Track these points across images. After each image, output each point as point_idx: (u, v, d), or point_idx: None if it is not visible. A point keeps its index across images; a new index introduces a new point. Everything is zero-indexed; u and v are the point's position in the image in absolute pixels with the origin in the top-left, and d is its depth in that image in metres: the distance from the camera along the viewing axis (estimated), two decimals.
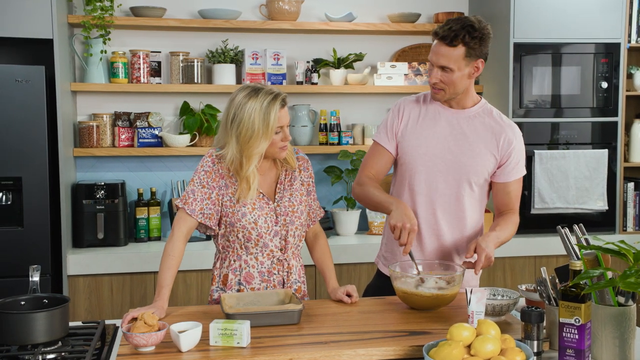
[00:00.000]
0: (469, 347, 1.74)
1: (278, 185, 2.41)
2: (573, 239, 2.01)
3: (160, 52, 3.93)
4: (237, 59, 3.96)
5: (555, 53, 3.89)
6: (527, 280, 3.85)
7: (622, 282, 1.62)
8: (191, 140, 3.90)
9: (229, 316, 2.03)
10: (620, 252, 1.70)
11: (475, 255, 2.28)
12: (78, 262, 3.49)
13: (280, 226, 2.36)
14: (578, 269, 1.79)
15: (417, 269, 2.31)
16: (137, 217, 3.85)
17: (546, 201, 3.86)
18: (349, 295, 2.34)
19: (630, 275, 1.62)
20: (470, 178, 2.44)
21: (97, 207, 3.66)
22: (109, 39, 3.76)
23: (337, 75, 4.06)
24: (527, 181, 3.88)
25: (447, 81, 2.37)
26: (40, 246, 3.38)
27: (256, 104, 2.23)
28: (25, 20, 3.37)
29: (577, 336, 1.76)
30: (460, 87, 2.40)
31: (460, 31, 2.29)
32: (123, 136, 3.86)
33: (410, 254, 2.30)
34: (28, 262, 3.07)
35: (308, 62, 4.07)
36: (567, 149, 3.91)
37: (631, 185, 4.05)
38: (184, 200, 2.32)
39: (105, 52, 3.77)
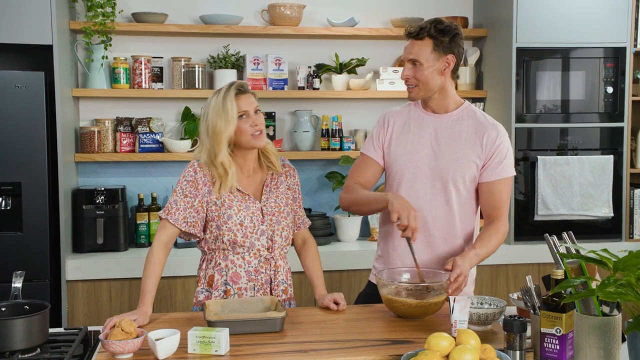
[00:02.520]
0: (447, 357, 1.71)
1: (264, 187, 2.44)
2: (562, 248, 1.97)
3: (162, 57, 3.94)
4: (238, 64, 3.95)
5: (559, 58, 3.84)
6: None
7: (601, 291, 1.58)
8: (192, 146, 3.90)
9: (210, 323, 2.02)
10: (601, 261, 1.65)
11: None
12: (77, 267, 3.50)
13: (266, 225, 2.38)
14: (560, 277, 1.76)
15: (416, 263, 2.29)
16: (138, 222, 3.85)
17: (550, 207, 3.80)
18: (336, 303, 2.32)
19: (609, 284, 1.58)
20: (457, 180, 2.42)
21: (97, 212, 3.66)
22: (111, 45, 3.77)
23: (339, 81, 4.04)
24: (530, 187, 3.83)
25: (418, 76, 2.40)
26: (40, 251, 3.39)
27: (216, 97, 2.37)
28: (26, 26, 3.39)
29: (558, 347, 1.72)
30: (433, 84, 2.41)
31: (426, 25, 2.37)
32: (124, 141, 3.87)
33: (411, 248, 2.28)
34: (27, 267, 3.10)
35: (310, 67, 4.05)
36: (576, 154, 3.84)
37: (638, 191, 3.97)
38: (167, 211, 2.35)
39: (107, 57, 3.78)
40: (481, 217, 2.56)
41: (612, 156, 3.85)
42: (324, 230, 3.91)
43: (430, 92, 2.43)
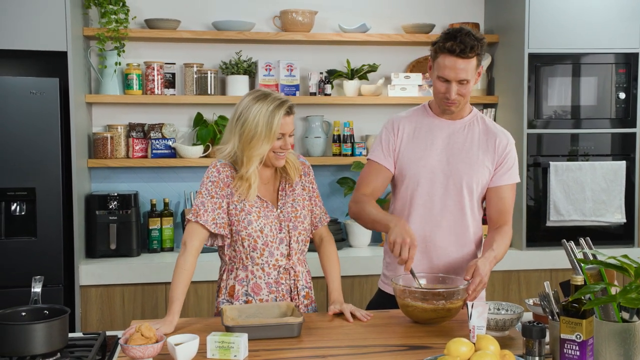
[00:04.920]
0: None
1: (280, 192, 2.42)
2: (580, 253, 1.97)
3: (174, 63, 3.96)
4: (250, 70, 3.97)
5: (571, 63, 3.84)
6: None
7: (623, 297, 1.58)
8: (204, 151, 3.91)
9: (228, 328, 2.02)
10: (622, 267, 1.65)
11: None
12: (90, 272, 3.51)
13: (284, 233, 2.37)
14: (579, 283, 1.76)
15: (419, 284, 2.28)
16: (150, 227, 3.86)
17: (562, 213, 3.79)
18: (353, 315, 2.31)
19: (631, 290, 1.58)
20: (471, 185, 2.44)
21: (110, 217, 3.68)
22: (124, 51, 3.79)
23: (350, 86, 4.05)
24: (542, 193, 3.83)
25: (464, 93, 2.37)
26: (53, 256, 3.41)
27: (263, 106, 2.26)
28: (41, 33, 3.41)
29: (578, 353, 1.72)
30: (469, 95, 2.42)
31: (473, 43, 2.29)
32: (137, 147, 3.89)
33: (412, 271, 2.26)
34: (41, 272, 3.10)
35: (321, 73, 4.06)
36: (587, 160, 3.84)
37: None
38: (195, 214, 2.32)
39: (120, 64, 3.80)
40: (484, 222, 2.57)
41: (624, 162, 3.84)
42: (336, 235, 3.91)
43: (466, 103, 2.44)
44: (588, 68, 3.85)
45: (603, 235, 3.87)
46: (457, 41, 2.29)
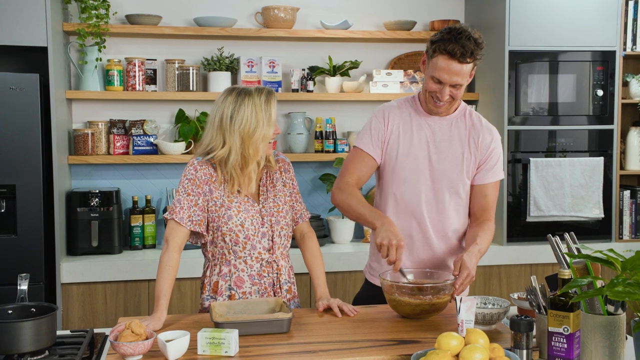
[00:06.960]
0: (457, 356, 1.74)
1: (261, 188, 2.43)
2: (564, 248, 2.00)
3: (155, 59, 3.94)
4: (232, 66, 3.96)
5: (551, 61, 3.89)
6: (523, 288, 3.83)
7: (610, 291, 1.61)
8: (186, 148, 3.90)
9: (217, 325, 2.03)
10: (608, 261, 1.69)
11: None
12: (72, 270, 3.48)
13: (267, 227, 2.38)
14: (567, 277, 1.79)
15: (407, 281, 2.29)
16: (132, 224, 3.84)
17: (542, 209, 3.85)
18: (341, 311, 2.32)
19: (617, 284, 1.61)
20: (455, 184, 2.45)
21: (92, 214, 3.65)
22: (104, 47, 3.76)
23: (332, 83, 4.06)
24: (523, 189, 3.87)
25: (455, 95, 2.37)
26: (34, 254, 3.38)
27: (255, 100, 2.32)
28: (20, 28, 3.37)
29: (565, 345, 1.75)
30: (460, 97, 2.42)
31: (474, 48, 2.28)
32: (118, 144, 3.86)
33: (401, 270, 2.28)
34: (22, 270, 3.09)
35: (304, 69, 4.07)
36: (565, 156, 3.90)
37: (627, 193, 4.04)
38: (171, 211, 2.33)
39: (101, 59, 3.77)
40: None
41: (602, 158, 3.90)
42: (318, 232, 3.92)
43: (458, 104, 2.45)
44: (566, 65, 3.91)
45: (581, 230, 3.93)
46: (458, 45, 2.25)
